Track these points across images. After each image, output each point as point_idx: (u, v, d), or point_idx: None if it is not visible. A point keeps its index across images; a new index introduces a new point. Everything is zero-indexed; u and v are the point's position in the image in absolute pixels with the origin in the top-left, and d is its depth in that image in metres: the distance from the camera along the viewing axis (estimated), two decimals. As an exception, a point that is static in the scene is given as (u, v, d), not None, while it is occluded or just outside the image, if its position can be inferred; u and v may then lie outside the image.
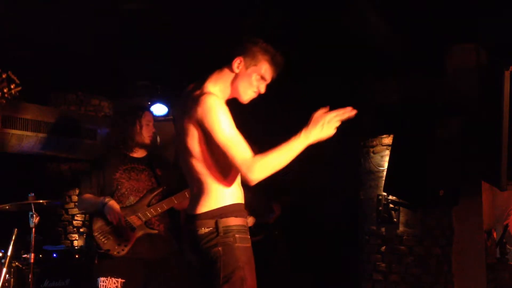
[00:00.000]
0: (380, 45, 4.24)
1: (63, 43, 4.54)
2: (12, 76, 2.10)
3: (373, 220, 5.29)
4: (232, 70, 2.37)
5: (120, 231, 3.38)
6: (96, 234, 3.39)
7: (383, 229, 5.22)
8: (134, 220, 3.40)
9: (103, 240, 3.37)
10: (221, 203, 2.32)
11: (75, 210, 7.65)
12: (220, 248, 2.26)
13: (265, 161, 2.18)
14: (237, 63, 2.36)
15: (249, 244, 2.34)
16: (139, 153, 3.60)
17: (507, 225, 5.45)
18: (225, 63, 2.40)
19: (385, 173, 4.88)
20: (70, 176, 7.24)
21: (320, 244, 5.92)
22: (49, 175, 6.59)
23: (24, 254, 4.73)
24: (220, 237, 2.27)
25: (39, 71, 5.20)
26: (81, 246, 7.09)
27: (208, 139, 2.26)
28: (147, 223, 3.43)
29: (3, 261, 4.04)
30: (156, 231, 3.46)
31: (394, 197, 5.06)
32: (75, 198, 7.66)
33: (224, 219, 2.28)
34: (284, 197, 5.37)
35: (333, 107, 2.24)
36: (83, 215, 7.72)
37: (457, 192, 4.32)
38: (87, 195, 3.52)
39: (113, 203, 3.37)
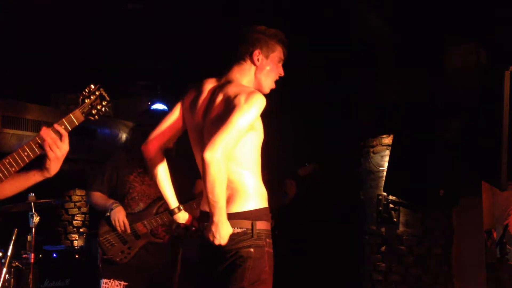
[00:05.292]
0: (380, 45, 4.24)
1: (63, 43, 4.54)
2: (104, 93, 2.18)
3: (373, 220, 5.29)
4: (253, 63, 2.42)
5: (125, 238, 3.38)
6: (101, 239, 3.37)
7: (383, 229, 5.22)
8: (139, 227, 3.38)
9: (107, 246, 3.36)
10: (257, 205, 2.31)
11: (75, 210, 7.67)
12: (252, 250, 2.25)
13: (219, 173, 2.10)
14: (256, 56, 2.41)
15: (272, 250, 2.34)
16: None
17: (507, 225, 5.45)
18: (241, 58, 2.43)
19: (385, 173, 4.88)
20: (70, 176, 7.25)
21: (320, 244, 5.93)
22: (49, 175, 6.59)
23: (24, 254, 4.73)
24: (254, 239, 2.26)
25: (39, 71, 5.20)
26: (81, 246, 7.10)
27: (246, 138, 2.25)
28: (153, 232, 3.39)
29: (3, 261, 4.04)
30: (160, 240, 3.42)
31: (394, 197, 5.06)
32: (75, 198, 7.69)
33: (259, 222, 2.28)
34: (302, 169, 4.50)
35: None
36: (83, 215, 7.74)
37: (457, 192, 4.32)
38: (97, 193, 3.49)
39: (119, 210, 3.34)
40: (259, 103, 2.23)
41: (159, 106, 5.72)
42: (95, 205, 3.52)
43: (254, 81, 2.43)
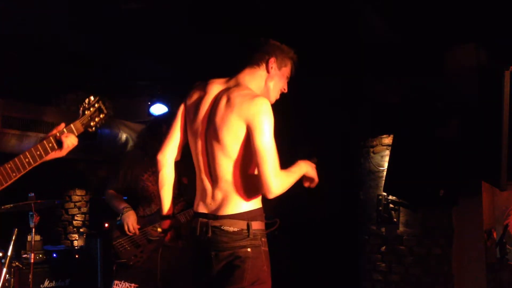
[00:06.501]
0: (380, 45, 4.24)
1: (62, 42, 4.54)
2: (102, 106, 2.41)
3: (373, 220, 5.30)
4: (267, 70, 2.46)
5: (138, 242, 3.40)
6: (114, 243, 3.41)
7: (383, 229, 5.23)
8: (151, 231, 3.39)
9: (121, 249, 3.40)
10: (252, 206, 2.33)
11: (75, 210, 7.67)
12: (249, 250, 2.27)
13: (284, 179, 2.28)
14: (272, 64, 2.45)
15: (267, 249, 2.37)
16: None
17: (507, 225, 5.44)
18: (255, 63, 2.46)
19: (385, 173, 4.88)
20: (70, 176, 7.25)
21: (320, 244, 5.93)
22: (49, 175, 6.59)
23: (24, 254, 4.74)
24: (250, 239, 2.29)
25: (39, 71, 5.20)
26: (81, 246, 7.10)
27: (249, 140, 2.27)
28: None
29: (3, 261, 4.05)
30: (172, 244, 3.44)
31: (394, 197, 5.06)
32: (75, 198, 7.68)
33: (254, 222, 2.31)
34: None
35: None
36: (83, 215, 7.73)
37: (457, 192, 4.32)
38: (112, 192, 3.54)
39: (129, 214, 3.37)
40: (270, 113, 2.27)
41: (159, 106, 5.72)
42: (109, 205, 3.57)
43: (264, 87, 2.46)
